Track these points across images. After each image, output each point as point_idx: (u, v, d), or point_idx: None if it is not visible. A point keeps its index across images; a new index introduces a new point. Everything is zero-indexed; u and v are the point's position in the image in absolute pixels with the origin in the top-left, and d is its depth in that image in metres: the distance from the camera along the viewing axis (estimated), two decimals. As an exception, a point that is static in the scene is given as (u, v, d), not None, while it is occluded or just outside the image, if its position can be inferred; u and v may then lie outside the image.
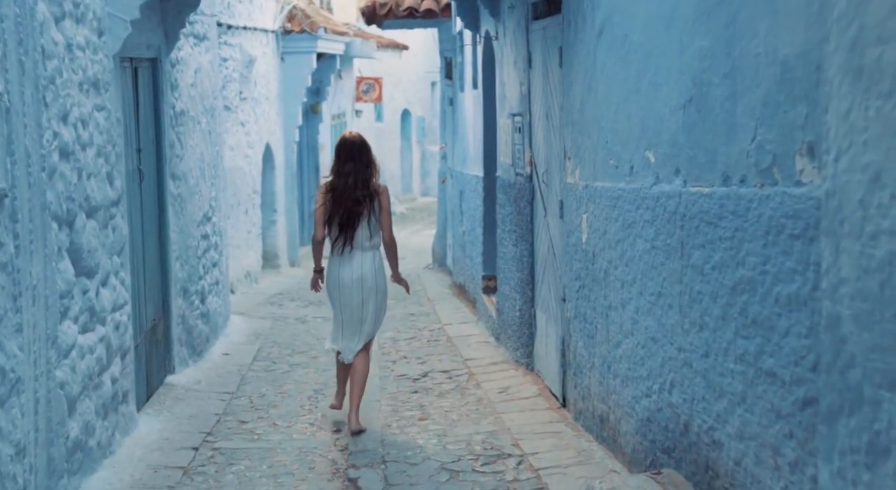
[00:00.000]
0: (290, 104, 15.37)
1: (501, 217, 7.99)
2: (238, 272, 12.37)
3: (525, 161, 7.02)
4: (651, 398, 4.22)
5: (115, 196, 5.57)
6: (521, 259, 7.24)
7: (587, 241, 5.27)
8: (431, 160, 28.52)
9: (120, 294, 5.59)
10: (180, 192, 7.49)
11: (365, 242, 5.94)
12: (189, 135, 7.82)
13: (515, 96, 7.28)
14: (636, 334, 4.42)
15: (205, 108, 8.48)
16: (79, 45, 4.93)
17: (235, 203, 12.51)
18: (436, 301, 11.16)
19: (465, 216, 10.76)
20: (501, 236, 8.02)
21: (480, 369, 7.42)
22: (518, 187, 7.27)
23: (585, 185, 5.27)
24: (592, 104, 5.09)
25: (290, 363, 7.99)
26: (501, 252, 8.06)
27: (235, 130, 12.61)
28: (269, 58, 14.31)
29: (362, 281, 5.98)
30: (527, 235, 7.03)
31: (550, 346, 6.36)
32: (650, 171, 4.20)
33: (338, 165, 5.95)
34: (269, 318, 10.26)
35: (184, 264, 7.53)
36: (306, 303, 11.59)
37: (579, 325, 5.51)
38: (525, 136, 7.00)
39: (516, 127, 7.29)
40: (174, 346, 7.17)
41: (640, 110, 4.31)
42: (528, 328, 7.07)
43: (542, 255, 6.62)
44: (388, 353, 8.27)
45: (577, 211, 5.48)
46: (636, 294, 4.41)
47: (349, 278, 5.98)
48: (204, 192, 8.34)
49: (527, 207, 6.99)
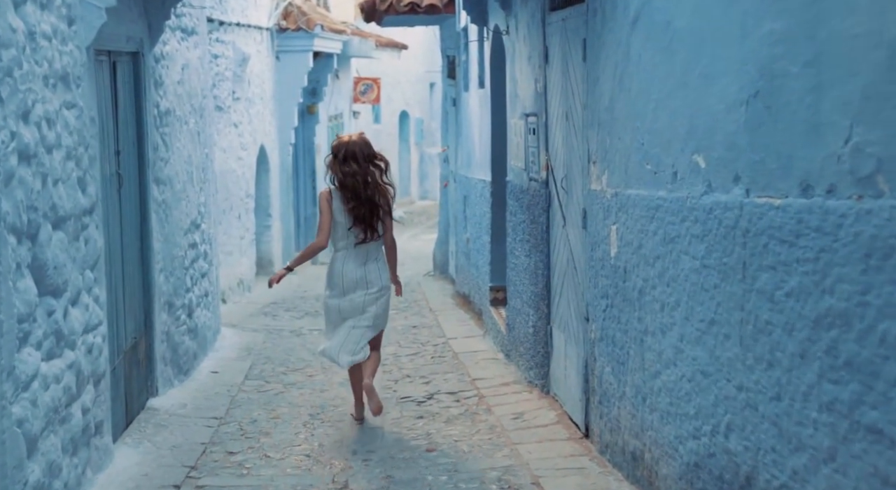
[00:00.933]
0: (286, 105, 14.80)
1: (512, 225, 7.41)
2: (230, 280, 11.79)
3: (540, 165, 6.45)
4: (700, 441, 3.65)
5: (89, 204, 4.99)
6: (535, 271, 6.67)
7: (617, 256, 4.69)
8: (430, 163, 27.96)
9: (93, 313, 5.01)
10: (165, 197, 6.90)
11: (371, 244, 5.98)
12: (175, 136, 7.24)
13: (529, 95, 6.71)
14: (680, 365, 3.84)
15: (193, 107, 7.90)
16: (43, 33, 4.35)
17: (228, 207, 11.92)
18: (439, 312, 10.58)
19: (470, 222, 10.18)
20: (512, 246, 7.45)
21: (491, 391, 6.84)
22: (532, 194, 6.70)
23: (615, 193, 4.69)
24: (624, 102, 4.52)
25: (283, 382, 7.40)
26: (512, 263, 7.48)
27: (228, 132, 12.03)
28: (263, 56, 13.73)
29: (367, 282, 5.99)
30: (542, 246, 6.46)
31: (570, 368, 5.78)
32: (699, 177, 3.62)
33: (344, 166, 5.92)
34: (262, 331, 9.67)
35: (169, 276, 6.95)
36: (301, 313, 11.01)
37: (606, 348, 4.93)
38: (540, 138, 6.43)
39: (530, 128, 6.72)
40: (157, 365, 6.59)
41: (686, 108, 3.74)
42: (542, 347, 6.49)
43: (560, 268, 6.04)
44: (390, 371, 7.68)
45: (603, 221, 4.91)
46: (681, 319, 3.83)
47: (353, 279, 5.98)
48: (192, 198, 7.76)
49: (542, 216, 6.41)
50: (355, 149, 5.93)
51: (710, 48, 3.51)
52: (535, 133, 6.59)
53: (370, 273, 5.99)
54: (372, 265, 6.00)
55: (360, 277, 5.97)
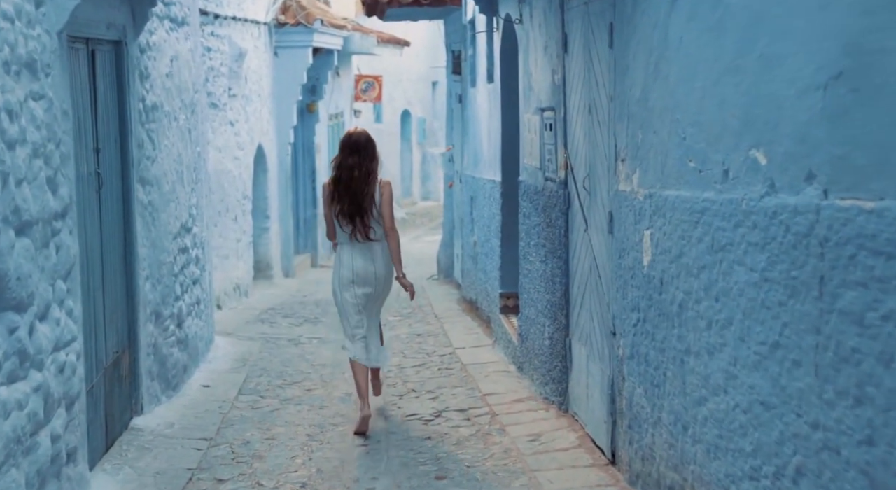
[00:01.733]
0: (284, 102, 14.28)
1: (526, 228, 6.90)
2: (226, 285, 11.28)
3: (558, 164, 5.94)
4: (760, 483, 3.13)
5: (61, 207, 4.48)
6: (551, 279, 6.16)
7: (651, 265, 4.18)
8: (432, 163, 27.46)
9: (66, 328, 4.49)
10: (152, 199, 6.39)
11: (375, 234, 6.05)
12: (163, 133, 6.73)
13: (545, 88, 6.20)
14: (733, 393, 3.33)
15: (184, 102, 7.39)
16: (4, 14, 3.84)
17: (223, 209, 11.42)
18: (444, 319, 10.06)
19: (478, 225, 9.67)
20: (526, 251, 6.93)
21: (503, 408, 6.33)
22: (548, 195, 6.18)
23: (648, 194, 4.18)
24: (661, 91, 4.00)
25: (280, 398, 6.89)
26: (525, 269, 6.97)
27: (223, 130, 11.52)
28: (260, 52, 13.22)
29: (375, 273, 6.11)
30: (560, 251, 5.94)
31: (594, 387, 5.27)
32: (759, 175, 3.11)
33: (340, 158, 6.08)
34: (258, 340, 9.16)
35: (156, 284, 6.43)
36: (300, 320, 10.50)
37: (638, 367, 4.41)
38: (558, 135, 5.92)
39: (546, 123, 6.20)
40: (143, 381, 6.08)
41: (741, 95, 3.22)
42: (560, 361, 5.98)
43: (581, 276, 5.53)
44: (395, 385, 7.17)
45: (634, 226, 4.39)
46: (734, 339, 3.31)
47: (360, 269, 6.08)
48: (182, 199, 7.25)
49: (560, 218, 5.90)
50: (360, 139, 6.10)
51: (774, 24, 3.00)
52: (552, 129, 6.08)
53: (378, 266, 6.12)
54: (378, 255, 6.11)
55: (369, 271, 6.09)
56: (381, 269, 6.12)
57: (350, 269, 6.08)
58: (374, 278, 6.10)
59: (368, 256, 6.08)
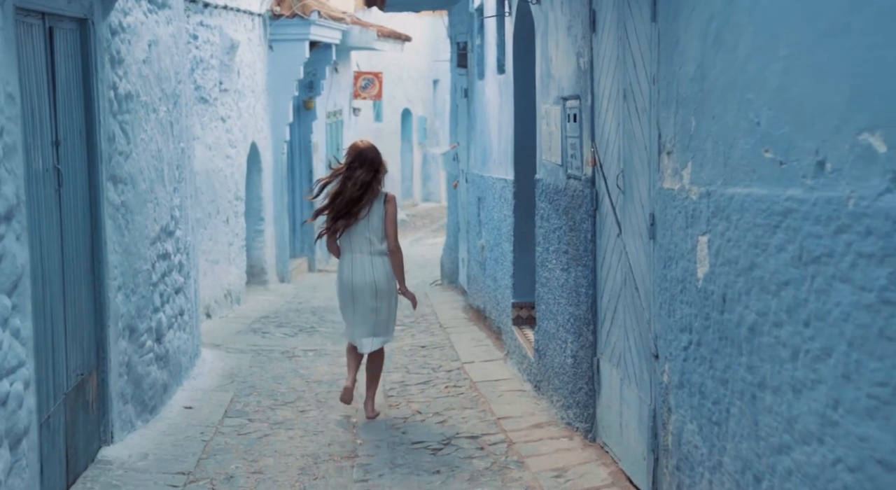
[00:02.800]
0: (280, 98, 13.58)
1: (544, 232, 6.19)
2: (216, 292, 10.57)
3: (584, 159, 5.23)
4: (875, 564, 2.42)
5: (3, 208, 3.78)
6: (575, 289, 5.45)
7: (708, 277, 3.47)
8: (433, 163, 26.78)
9: (10, 352, 3.79)
10: (125, 199, 5.69)
11: (373, 248, 6.13)
12: (139, 125, 6.02)
13: (569, 74, 5.49)
14: (833, 444, 2.62)
15: (165, 93, 6.68)
16: (-76, -29, 3.14)
17: (214, 211, 10.71)
18: (450, 329, 9.36)
19: (486, 228, 8.97)
20: (544, 257, 6.23)
21: (521, 435, 5.62)
22: (572, 194, 5.48)
23: (706, 193, 3.47)
24: (725, 66, 3.30)
25: (270, 421, 6.18)
26: (543, 277, 6.26)
27: (214, 126, 10.82)
28: (254, 45, 12.52)
29: (375, 285, 6.14)
30: (585, 259, 5.24)
31: (629, 415, 4.56)
32: (874, 167, 2.41)
33: (348, 171, 6.15)
34: (249, 352, 8.45)
35: (130, 295, 5.73)
36: (295, 330, 9.80)
37: (689, 398, 3.71)
38: (584, 126, 5.21)
39: (569, 114, 5.50)
40: (113, 405, 5.37)
41: (849, 63, 2.52)
42: (586, 382, 5.27)
43: (613, 287, 4.82)
44: (398, 406, 6.47)
45: (685, 231, 3.69)
46: (834, 376, 2.61)
47: (361, 282, 6.14)
48: (162, 200, 6.54)
49: (586, 221, 5.19)
50: (370, 155, 6.18)
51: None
52: (576, 120, 5.37)
53: (379, 280, 6.13)
54: (379, 269, 6.14)
55: (368, 284, 6.13)
56: (382, 281, 6.15)
57: (350, 281, 6.17)
58: (374, 291, 6.13)
59: (369, 268, 6.13)
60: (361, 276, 6.11)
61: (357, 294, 6.13)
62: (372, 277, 6.11)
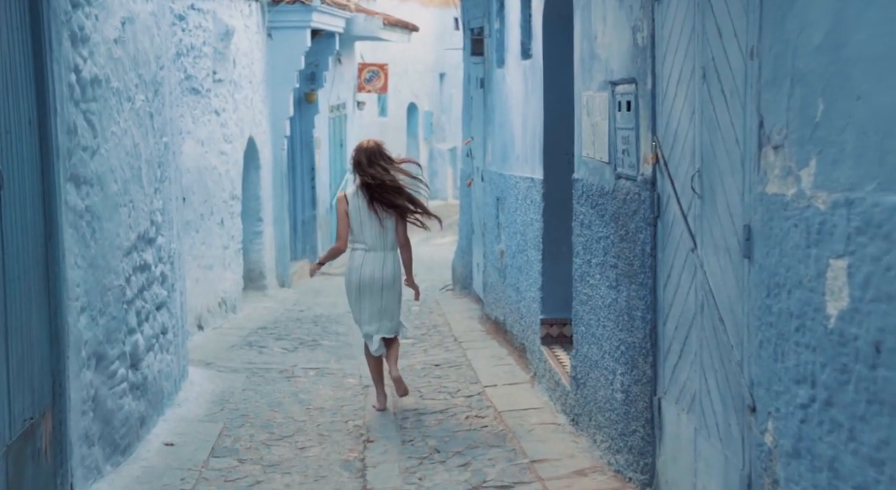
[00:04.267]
0: (280, 90, 12.67)
1: (584, 241, 5.28)
2: (208, 301, 9.67)
3: (641, 155, 4.33)
4: None
5: None
6: (627, 311, 4.54)
7: (847, 316, 2.57)
8: (440, 159, 25.89)
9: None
10: (91, 204, 4.78)
11: (386, 242, 6.29)
12: (110, 116, 5.12)
13: (620, 53, 4.58)
14: None
15: (143, 79, 5.78)
16: None
17: (207, 212, 9.81)
18: (466, 343, 8.46)
19: (507, 232, 8.06)
20: (584, 270, 5.32)
21: (561, 485, 4.71)
22: (623, 198, 4.57)
23: (844, 200, 2.57)
24: (883, 26, 2.39)
25: (264, 462, 5.28)
26: (583, 293, 5.35)
27: (207, 120, 9.91)
28: (251, 32, 11.60)
29: (383, 279, 6.27)
30: (641, 276, 4.33)
31: (709, 476, 3.65)
32: None
33: (362, 170, 6.28)
34: (243, 371, 7.55)
35: (97, 317, 4.82)
36: (295, 343, 8.89)
37: (812, 475, 2.80)
38: (641, 115, 4.31)
39: (620, 101, 4.60)
40: (73, 451, 4.47)
41: None
42: (642, 425, 4.37)
43: (683, 313, 3.91)
44: (413, 441, 5.58)
45: (807, 250, 2.78)
46: None
47: (370, 276, 6.26)
48: (140, 203, 5.64)
49: (643, 231, 4.29)
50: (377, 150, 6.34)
51: None
52: (630, 108, 4.46)
53: (386, 270, 6.27)
54: (389, 262, 6.29)
55: (377, 274, 6.26)
56: (389, 275, 6.28)
57: (359, 274, 6.27)
58: (381, 283, 6.26)
59: (379, 263, 6.26)
60: (371, 271, 6.25)
61: (365, 288, 6.26)
62: (381, 272, 6.26)
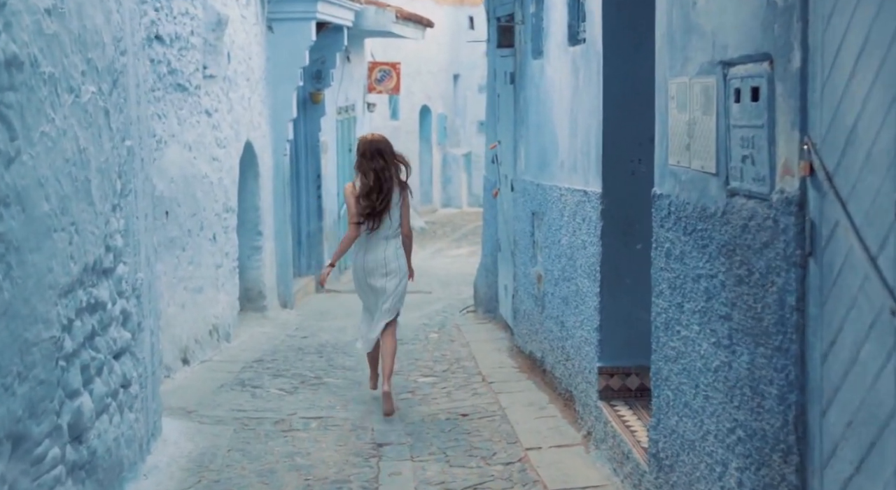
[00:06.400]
0: (281, 89, 11.39)
1: (671, 277, 3.95)
2: (197, 329, 8.37)
3: (779, 163, 3.00)
4: None
5: None
6: (751, 384, 3.22)
7: None
8: (454, 165, 24.64)
9: None
10: (4, 231, 3.48)
11: (389, 231, 6.62)
12: (38, 112, 3.80)
13: (740, 20, 3.26)
14: None
15: (94, 66, 4.49)
16: None
17: (195, 227, 8.52)
18: (497, 384, 7.16)
19: (546, 253, 6.75)
20: (671, 316, 3.99)
21: None
22: (741, 223, 3.25)
23: None
24: None
25: (245, 572, 3.98)
26: (669, 347, 4.02)
27: (196, 121, 8.61)
28: (249, 23, 10.32)
29: (385, 265, 6.62)
30: (779, 338, 3.01)
31: None
32: None
33: (364, 163, 6.57)
34: (230, 423, 6.24)
35: (12, 385, 3.50)
36: (296, 381, 7.58)
37: None
38: (778, 107, 2.98)
39: (738, 88, 3.27)
40: None
41: None
42: (777, 548, 3.04)
43: (865, 403, 2.58)
44: (440, 537, 4.26)
45: None
46: None
47: (374, 263, 6.62)
48: (87, 225, 4.35)
49: (783, 273, 2.96)
50: (381, 145, 6.62)
51: None
52: (755, 97, 3.14)
53: (389, 259, 6.62)
54: (391, 250, 6.63)
55: (379, 263, 6.60)
56: (392, 260, 6.63)
57: (363, 261, 6.66)
58: (385, 269, 6.61)
59: (381, 250, 6.61)
60: (374, 257, 6.60)
61: (369, 274, 6.63)
62: (384, 257, 6.60)
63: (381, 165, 6.49)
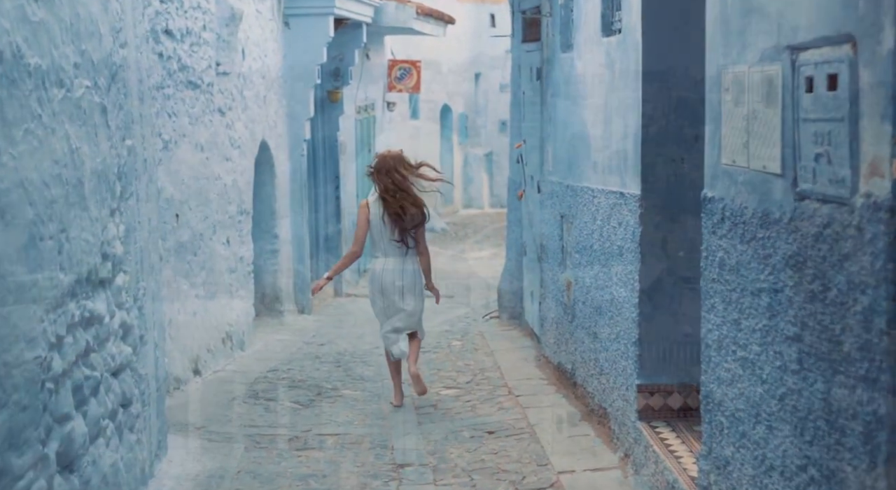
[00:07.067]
0: (298, 87, 11.00)
1: (725, 290, 3.53)
2: (209, 338, 8.00)
3: (863, 163, 2.58)
4: None
5: None
6: (826, 418, 2.79)
7: None
8: (475, 165, 24.24)
9: None
10: (-21, 240, 3.11)
11: (405, 250, 6.64)
12: (23, 108, 3.43)
13: None
14: None
15: (89, 59, 4.12)
16: None
17: (208, 231, 8.15)
18: (524, 397, 6.75)
19: (575, 259, 6.34)
20: (724, 333, 3.56)
21: None
22: (814, 231, 2.83)
23: None
24: None
25: None
26: (723, 368, 3.60)
27: (209, 121, 8.25)
28: (264, 18, 9.95)
29: (403, 286, 6.61)
30: (864, 366, 2.59)
31: None
32: None
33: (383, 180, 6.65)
34: (241, 441, 5.86)
35: (-10, 413, 3.14)
36: (312, 393, 7.20)
37: None
38: (865, 97, 2.56)
39: (811, 76, 2.85)
40: None
41: None
42: None
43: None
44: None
45: None
46: None
47: (391, 283, 6.61)
48: (81, 232, 3.97)
49: (869, 290, 2.54)
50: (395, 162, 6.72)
51: None
52: (832, 86, 2.72)
53: (406, 277, 6.63)
54: (410, 266, 6.66)
55: (397, 281, 6.61)
56: (409, 281, 6.63)
57: (380, 282, 6.65)
58: (402, 290, 6.59)
59: (399, 271, 6.61)
60: (392, 279, 6.60)
61: (387, 295, 6.61)
62: (401, 279, 6.60)
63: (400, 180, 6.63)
